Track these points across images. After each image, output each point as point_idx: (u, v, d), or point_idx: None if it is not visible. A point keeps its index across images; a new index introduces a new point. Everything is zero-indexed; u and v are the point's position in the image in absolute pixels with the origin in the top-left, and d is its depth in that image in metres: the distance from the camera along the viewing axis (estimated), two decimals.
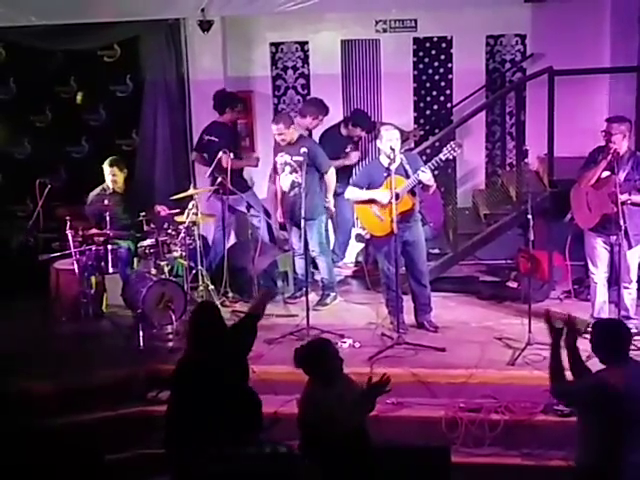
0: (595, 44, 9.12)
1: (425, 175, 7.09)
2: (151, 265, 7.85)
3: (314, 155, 7.86)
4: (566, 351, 4.73)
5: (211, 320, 5.21)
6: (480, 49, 9.69)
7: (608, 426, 4.42)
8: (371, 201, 7.27)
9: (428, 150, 8.22)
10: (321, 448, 4.73)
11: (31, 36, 8.78)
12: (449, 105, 9.83)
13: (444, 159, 7.21)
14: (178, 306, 7.45)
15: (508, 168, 9.58)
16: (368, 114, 9.39)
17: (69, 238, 7.65)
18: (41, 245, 8.08)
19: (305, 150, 7.70)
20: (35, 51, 9.15)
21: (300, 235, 7.84)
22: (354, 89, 9.88)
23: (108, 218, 7.76)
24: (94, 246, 7.71)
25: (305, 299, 7.43)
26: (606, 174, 6.82)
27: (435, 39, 9.75)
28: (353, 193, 7.44)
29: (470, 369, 6.59)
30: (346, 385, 5.01)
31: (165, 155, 9.55)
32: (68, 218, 7.68)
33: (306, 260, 7.74)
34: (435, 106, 9.89)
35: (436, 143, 8.15)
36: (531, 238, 6.96)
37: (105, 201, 7.86)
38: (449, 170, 8.49)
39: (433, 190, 7.37)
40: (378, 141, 7.29)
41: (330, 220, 8.61)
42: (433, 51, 9.77)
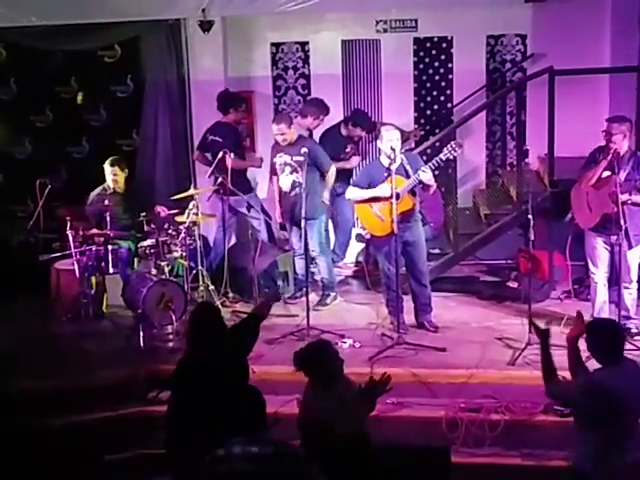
0: (595, 44, 9.13)
1: (425, 175, 7.08)
2: (151, 265, 7.85)
3: (315, 155, 7.87)
4: (568, 349, 4.74)
5: (210, 320, 5.20)
6: (480, 49, 9.69)
7: (603, 426, 4.41)
8: (372, 200, 7.27)
9: (428, 150, 8.23)
10: (321, 449, 4.72)
11: (31, 36, 8.79)
12: (449, 105, 9.83)
13: (444, 159, 7.21)
14: (178, 306, 7.45)
15: (509, 168, 9.58)
16: (368, 114, 9.40)
17: (69, 238, 7.65)
18: (41, 245, 8.06)
19: (306, 150, 7.70)
20: (35, 51, 9.16)
21: (300, 235, 7.83)
22: (354, 89, 9.88)
23: (108, 218, 7.76)
24: (94, 246, 7.71)
25: (305, 299, 7.44)
26: (606, 174, 6.83)
27: (435, 39, 9.75)
28: (354, 193, 7.44)
29: (470, 369, 6.59)
30: (346, 386, 5.01)
31: (165, 155, 9.55)
32: (68, 218, 7.68)
33: (306, 260, 7.73)
34: (435, 106, 9.89)
35: (436, 143, 8.16)
36: (531, 238, 6.95)
37: (105, 201, 7.86)
38: (449, 170, 8.48)
39: (433, 190, 7.38)
40: (379, 141, 7.29)
41: (330, 220, 8.61)
42: (433, 51, 9.78)
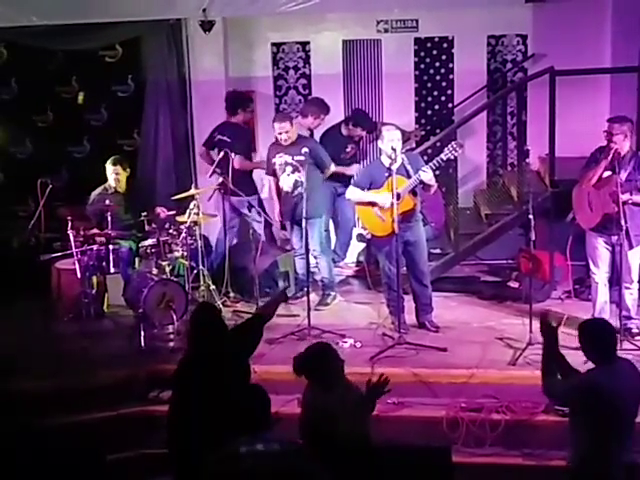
0: (596, 44, 9.12)
1: (426, 175, 7.08)
2: (152, 265, 7.84)
3: (316, 154, 7.90)
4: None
5: (211, 320, 5.20)
6: (481, 49, 9.68)
7: (598, 426, 4.41)
8: (372, 203, 7.28)
9: (429, 150, 8.24)
10: (323, 450, 4.72)
11: (32, 36, 8.80)
12: (450, 105, 9.83)
13: (445, 159, 7.21)
14: (179, 306, 7.45)
15: (509, 168, 9.59)
16: (369, 114, 9.41)
17: (70, 238, 7.64)
18: (42, 245, 8.05)
19: (307, 150, 7.71)
20: (36, 51, 9.16)
21: (301, 235, 7.83)
22: (355, 89, 9.88)
23: (109, 218, 7.75)
24: (95, 246, 7.70)
25: (306, 299, 7.44)
26: (607, 174, 6.82)
27: (436, 39, 9.74)
28: (354, 194, 7.44)
29: (471, 369, 6.59)
30: (346, 388, 5.00)
31: (166, 155, 9.55)
32: (69, 218, 7.68)
33: (307, 260, 7.73)
34: (436, 106, 9.89)
35: (437, 143, 8.17)
36: (532, 238, 6.95)
37: (107, 201, 7.86)
38: (450, 170, 8.48)
39: (434, 190, 7.38)
40: (379, 141, 7.29)
41: (331, 219, 8.61)
42: (434, 51, 9.77)
